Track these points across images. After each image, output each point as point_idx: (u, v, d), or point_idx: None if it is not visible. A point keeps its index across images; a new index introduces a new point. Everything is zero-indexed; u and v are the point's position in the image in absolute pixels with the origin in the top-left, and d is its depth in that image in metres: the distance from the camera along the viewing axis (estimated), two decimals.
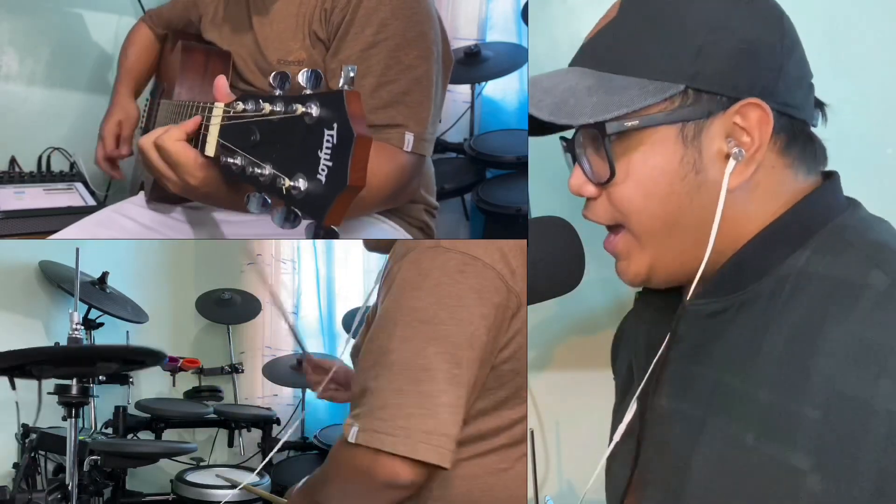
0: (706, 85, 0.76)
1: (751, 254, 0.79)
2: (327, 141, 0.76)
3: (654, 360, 0.84)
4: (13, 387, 1.61)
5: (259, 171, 0.81)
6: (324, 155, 0.76)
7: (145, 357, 1.77)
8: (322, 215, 0.76)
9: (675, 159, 0.77)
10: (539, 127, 0.82)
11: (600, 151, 0.79)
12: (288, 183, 0.78)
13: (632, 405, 0.87)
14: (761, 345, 0.74)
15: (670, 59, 0.76)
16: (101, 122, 1.57)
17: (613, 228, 0.85)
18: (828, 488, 0.67)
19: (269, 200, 0.81)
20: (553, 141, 1.49)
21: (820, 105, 0.84)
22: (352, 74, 0.79)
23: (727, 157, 0.76)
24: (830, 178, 0.82)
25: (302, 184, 0.77)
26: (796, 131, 0.79)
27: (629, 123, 0.76)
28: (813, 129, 0.82)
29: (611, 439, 0.94)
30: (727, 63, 0.75)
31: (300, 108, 0.78)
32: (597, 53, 0.81)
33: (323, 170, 0.76)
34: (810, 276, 0.75)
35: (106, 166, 1.59)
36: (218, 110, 0.91)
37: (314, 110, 0.77)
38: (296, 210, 0.79)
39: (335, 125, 0.76)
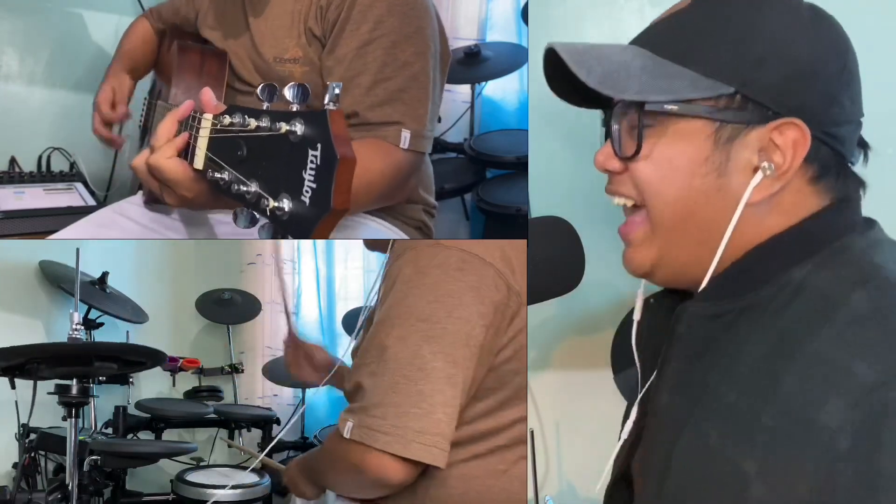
0: (757, 95, 0.75)
1: (753, 262, 0.79)
2: (311, 161, 0.76)
3: (660, 360, 0.84)
4: (13, 386, 1.60)
5: (245, 188, 0.82)
6: (308, 176, 0.76)
7: (144, 358, 1.76)
8: (306, 236, 0.77)
9: (701, 156, 0.77)
10: (561, 86, 0.82)
11: (633, 126, 0.79)
12: (273, 204, 0.78)
13: (634, 408, 0.87)
14: (744, 350, 0.75)
15: (729, 60, 0.76)
16: (95, 96, 1.54)
17: (632, 212, 0.85)
18: (768, 497, 0.68)
19: (257, 216, 0.81)
20: (553, 141, 1.49)
21: (864, 145, 0.83)
22: (336, 92, 0.79)
23: (755, 169, 0.76)
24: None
25: (286, 204, 0.78)
26: (831, 164, 0.78)
27: (669, 106, 0.77)
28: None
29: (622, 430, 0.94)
30: (784, 79, 0.75)
31: (284, 127, 0.78)
32: (658, 38, 0.81)
33: (307, 191, 0.76)
34: (805, 288, 0.74)
35: (104, 131, 1.53)
36: (207, 122, 0.91)
37: (298, 129, 0.77)
38: (282, 231, 0.79)
39: (319, 145, 0.76)
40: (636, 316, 0.91)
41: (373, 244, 1.21)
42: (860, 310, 0.70)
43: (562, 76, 0.80)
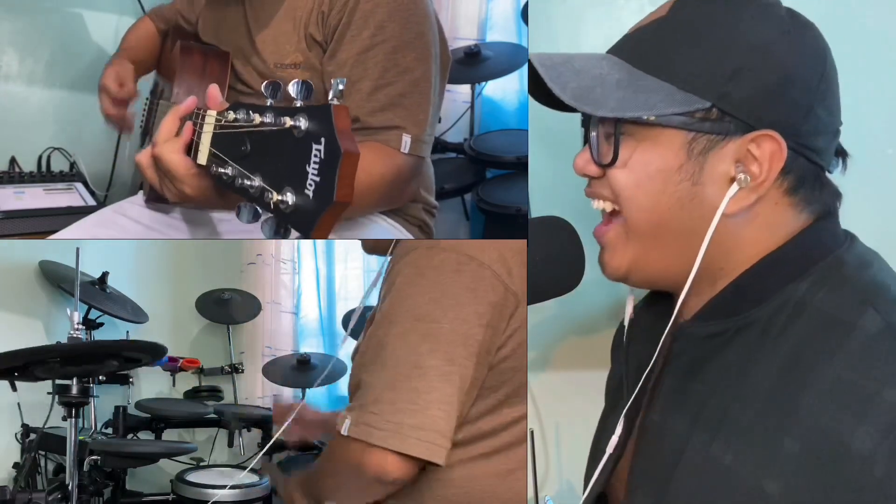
0: (732, 108, 0.76)
1: (750, 280, 0.79)
2: (315, 155, 0.77)
3: (644, 377, 0.84)
4: (14, 388, 1.60)
5: (248, 182, 0.82)
6: (311, 169, 0.77)
7: (148, 353, 1.77)
8: (309, 230, 0.77)
9: (675, 164, 0.78)
10: (543, 94, 0.82)
11: (610, 135, 0.80)
12: (276, 197, 0.79)
13: (620, 421, 0.87)
14: (752, 370, 0.75)
15: (704, 73, 0.76)
16: (99, 82, 1.50)
17: (608, 216, 0.85)
18: None
19: (260, 211, 0.82)
20: (553, 141, 1.49)
21: (842, 154, 0.84)
22: (340, 87, 0.80)
23: (731, 180, 0.77)
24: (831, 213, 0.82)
25: (290, 198, 0.78)
26: (808, 175, 0.78)
27: (646, 116, 0.77)
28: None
29: (594, 447, 0.94)
30: (758, 92, 0.75)
31: (288, 122, 0.79)
32: (635, 48, 0.81)
33: (311, 185, 0.77)
34: (806, 307, 0.75)
35: (114, 111, 1.49)
36: (210, 118, 0.92)
37: (302, 124, 0.78)
38: (285, 224, 0.79)
39: (322, 140, 0.76)
40: (626, 319, 0.93)
41: (370, 247, 1.21)
42: (873, 331, 0.70)
43: (543, 84, 0.80)
